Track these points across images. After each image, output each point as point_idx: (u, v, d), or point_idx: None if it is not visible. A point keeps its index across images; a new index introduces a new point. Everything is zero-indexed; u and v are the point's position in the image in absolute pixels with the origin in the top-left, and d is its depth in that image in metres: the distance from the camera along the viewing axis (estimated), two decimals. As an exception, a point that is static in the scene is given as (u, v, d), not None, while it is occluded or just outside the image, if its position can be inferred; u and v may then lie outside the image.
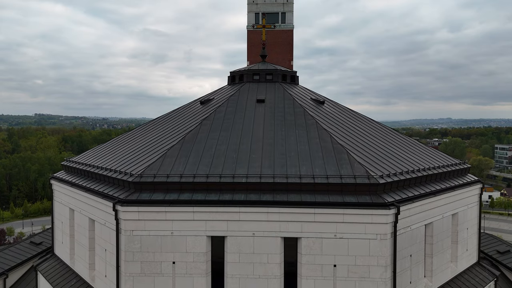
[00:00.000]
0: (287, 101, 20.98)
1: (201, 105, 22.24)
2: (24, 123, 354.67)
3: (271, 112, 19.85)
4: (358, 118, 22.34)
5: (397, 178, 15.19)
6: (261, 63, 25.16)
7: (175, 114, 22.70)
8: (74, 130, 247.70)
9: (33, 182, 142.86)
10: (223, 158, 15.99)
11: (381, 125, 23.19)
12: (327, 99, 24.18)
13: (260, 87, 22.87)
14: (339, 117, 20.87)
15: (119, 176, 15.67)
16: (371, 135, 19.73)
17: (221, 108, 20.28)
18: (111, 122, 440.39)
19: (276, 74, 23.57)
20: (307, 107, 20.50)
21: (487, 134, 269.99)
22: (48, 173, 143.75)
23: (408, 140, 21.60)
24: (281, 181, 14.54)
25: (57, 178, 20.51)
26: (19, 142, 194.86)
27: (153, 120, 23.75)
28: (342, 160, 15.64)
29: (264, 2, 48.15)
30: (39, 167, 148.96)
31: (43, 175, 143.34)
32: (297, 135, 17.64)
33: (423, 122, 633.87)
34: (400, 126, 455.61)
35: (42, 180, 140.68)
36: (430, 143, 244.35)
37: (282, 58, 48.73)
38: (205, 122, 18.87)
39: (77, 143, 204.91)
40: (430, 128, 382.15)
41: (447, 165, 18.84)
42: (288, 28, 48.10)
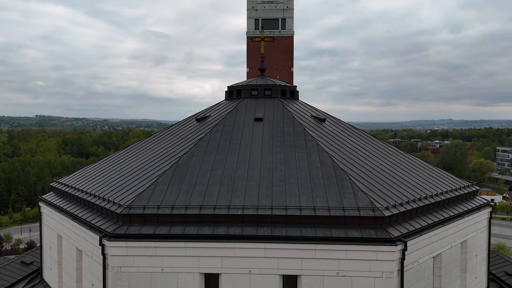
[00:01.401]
0: (286, 119, 20.04)
1: (197, 123, 21.31)
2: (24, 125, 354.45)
3: (269, 132, 18.91)
4: (359, 136, 21.39)
5: (403, 209, 14.24)
6: (260, 77, 24.22)
7: (171, 132, 21.77)
8: (74, 133, 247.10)
9: (32, 186, 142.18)
10: (218, 185, 15.05)
11: (383, 143, 22.25)
12: (328, 115, 23.24)
13: (258, 103, 21.94)
14: (341, 136, 19.91)
15: (108, 205, 14.73)
16: (374, 156, 18.77)
17: (218, 127, 19.35)
18: (112, 123, 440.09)
19: (275, 90, 22.63)
20: (307, 126, 19.56)
21: (488, 136, 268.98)
22: (47, 177, 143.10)
23: (411, 160, 20.64)
24: (279, 213, 13.59)
25: (45, 200, 19.58)
26: (19, 145, 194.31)
27: (148, 137, 22.82)
28: (345, 188, 14.69)
29: (264, 8, 47.27)
30: (38, 171, 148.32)
31: (42, 179, 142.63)
32: (297, 158, 16.69)
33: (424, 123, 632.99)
34: (401, 127, 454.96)
35: (41, 184, 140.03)
36: (431, 145, 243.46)
37: (282, 65, 47.85)
38: (200, 144, 17.93)
39: (77, 145, 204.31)
40: (431, 130, 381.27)
41: (455, 189, 17.87)
42: (288, 34, 47.20)
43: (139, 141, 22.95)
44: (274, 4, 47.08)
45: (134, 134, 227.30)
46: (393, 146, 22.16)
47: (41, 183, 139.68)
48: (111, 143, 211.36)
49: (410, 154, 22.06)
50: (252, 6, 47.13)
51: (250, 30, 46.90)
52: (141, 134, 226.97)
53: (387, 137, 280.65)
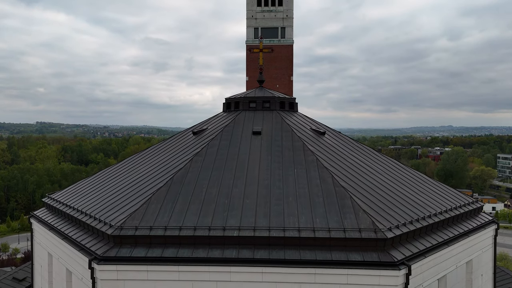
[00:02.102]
0: (285, 132, 19.51)
1: (194, 136, 20.79)
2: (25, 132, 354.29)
3: (267, 146, 18.37)
4: (360, 150, 20.85)
5: (406, 229, 13.66)
6: (258, 89, 23.74)
7: (167, 145, 21.24)
8: (74, 140, 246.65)
9: (31, 194, 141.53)
10: (214, 204, 14.48)
11: (384, 157, 21.71)
12: (328, 128, 22.72)
13: (256, 116, 21.42)
14: (341, 151, 19.37)
15: (99, 225, 14.15)
16: (375, 172, 18.21)
17: (214, 142, 18.81)
18: (112, 130, 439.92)
19: (273, 102, 22.14)
20: (306, 140, 19.03)
21: (489, 143, 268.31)
22: (46, 184, 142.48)
23: (413, 175, 20.08)
24: (277, 235, 13.01)
25: (36, 217, 19.00)
26: (19, 153, 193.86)
27: (144, 150, 22.30)
28: (345, 207, 14.12)
29: (264, 17, 46.95)
30: (37, 179, 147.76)
31: (41, 187, 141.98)
32: (295, 175, 16.14)
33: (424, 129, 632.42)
34: (401, 134, 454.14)
35: (40, 191, 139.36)
36: (431, 152, 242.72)
37: (282, 74, 47.41)
38: (196, 159, 17.39)
39: (77, 152, 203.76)
40: (431, 136, 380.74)
41: (459, 205, 17.28)
42: (288, 43, 46.82)
43: (135, 154, 22.42)
44: (274, 13, 46.77)
45: (134, 141, 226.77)
46: (394, 160, 21.61)
47: (40, 191, 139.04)
48: (111, 150, 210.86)
49: (411, 168, 21.50)
50: (252, 15, 46.82)
51: (250, 39, 46.54)
52: (141, 141, 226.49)
53: (387, 144, 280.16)
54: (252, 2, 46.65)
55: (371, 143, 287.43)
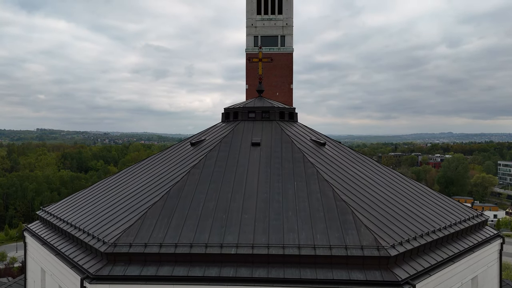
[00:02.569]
0: (284, 144, 19.12)
1: (192, 147, 20.39)
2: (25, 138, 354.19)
3: (267, 158, 17.97)
4: (360, 161, 20.44)
5: (410, 246, 13.20)
6: (258, 99, 23.39)
7: (164, 156, 20.84)
8: (74, 146, 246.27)
9: (30, 201, 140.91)
10: (211, 219, 14.04)
11: (385, 168, 21.29)
12: (328, 138, 22.33)
13: (256, 126, 21.05)
14: (341, 162, 18.96)
15: (92, 241, 13.71)
16: (376, 184, 17.79)
17: (213, 153, 18.41)
18: (113, 136, 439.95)
19: (273, 112, 21.78)
20: (306, 151, 18.63)
21: (489, 149, 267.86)
22: (45, 192, 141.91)
23: (415, 187, 19.65)
24: (277, 252, 12.56)
25: (30, 231, 18.55)
26: (18, 160, 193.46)
27: (142, 161, 21.89)
28: (347, 222, 13.68)
29: (263, 25, 46.78)
30: (36, 186, 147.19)
31: (40, 194, 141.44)
32: (295, 188, 15.72)
33: (424, 136, 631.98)
34: (401, 141, 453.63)
35: (39, 199, 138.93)
36: (432, 159, 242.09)
37: (282, 82, 47.14)
38: (194, 171, 16.97)
39: (76, 159, 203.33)
40: (431, 143, 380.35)
41: (463, 220, 16.83)
42: (288, 51, 46.60)
43: (133, 165, 22.01)
44: (273, 22, 46.61)
45: (134, 148, 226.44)
46: (395, 171, 21.19)
47: (39, 199, 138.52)
48: (111, 157, 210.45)
49: (413, 180, 21.07)
50: (252, 24, 46.65)
51: (249, 47, 46.32)
52: (141, 148, 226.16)
53: (387, 151, 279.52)
54: (252, 10, 46.54)
55: (371, 150, 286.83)
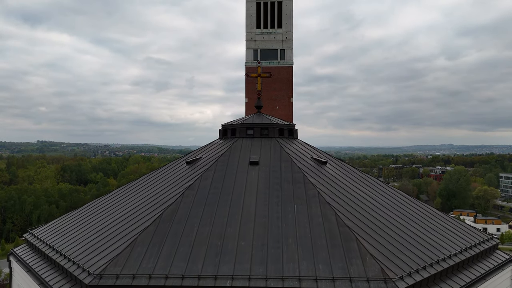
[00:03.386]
0: (284, 162, 18.26)
1: (187, 165, 19.54)
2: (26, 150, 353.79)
3: (265, 178, 17.09)
4: (363, 181, 19.54)
5: (419, 277, 12.25)
6: (256, 115, 22.60)
7: (158, 175, 19.96)
8: (74, 159, 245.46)
9: (28, 215, 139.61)
10: (205, 247, 13.10)
11: (389, 188, 20.39)
12: (329, 156, 21.49)
13: (254, 143, 20.22)
14: (344, 183, 18.07)
15: (77, 271, 12.75)
16: (381, 206, 16.87)
17: (208, 173, 17.54)
18: (113, 148, 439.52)
19: (272, 129, 20.96)
20: (307, 170, 17.76)
21: (490, 162, 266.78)
22: (43, 205, 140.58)
23: (421, 208, 18.71)
24: (275, 285, 11.59)
25: (15, 255, 17.57)
26: (17, 172, 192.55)
27: (135, 181, 21.00)
28: (351, 251, 12.74)
29: (263, 39, 46.36)
30: (35, 199, 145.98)
31: (38, 208, 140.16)
32: (295, 211, 14.80)
33: (424, 148, 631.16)
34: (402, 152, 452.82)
35: (37, 212, 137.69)
36: (433, 171, 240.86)
37: (282, 95, 46.54)
38: (188, 193, 16.08)
39: (76, 172, 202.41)
40: (432, 155, 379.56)
41: (474, 245, 15.87)
42: (288, 65, 46.09)
43: (125, 185, 21.12)
44: (273, 35, 46.19)
45: (134, 161, 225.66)
46: (400, 191, 20.27)
47: (37, 212, 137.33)
48: (111, 169, 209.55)
49: (418, 200, 20.15)
50: (251, 37, 46.22)
51: (249, 61, 45.80)
52: (141, 160, 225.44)
53: (388, 163, 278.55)
54: (251, 24, 46.16)
55: (372, 162, 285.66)
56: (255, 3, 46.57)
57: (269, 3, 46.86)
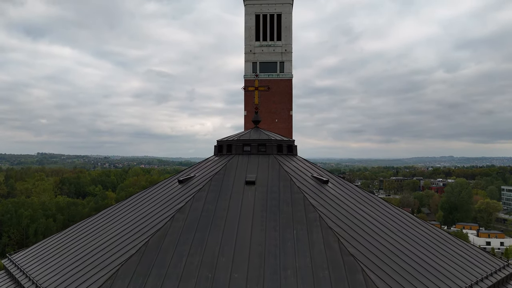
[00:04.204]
0: (283, 182, 17.03)
1: (179, 184, 18.30)
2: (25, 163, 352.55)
3: (262, 199, 15.83)
4: (366, 202, 18.27)
5: (434, 315, 10.91)
6: (253, 131, 21.44)
7: (149, 195, 18.71)
8: (73, 171, 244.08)
9: (24, 228, 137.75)
10: (194, 279, 11.80)
11: (395, 208, 19.13)
12: (331, 174, 20.26)
13: (251, 161, 19.01)
14: (347, 204, 16.81)
15: (50, 308, 11.44)
16: (387, 230, 15.58)
17: (201, 194, 16.29)
18: (113, 160, 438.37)
19: (270, 145, 19.78)
20: (307, 191, 16.51)
21: (491, 174, 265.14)
22: (40, 219, 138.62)
23: (430, 231, 17.42)
24: (271, 326, 10.27)
25: (-9, 283, 16.21)
26: (15, 185, 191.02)
27: (124, 201, 19.74)
28: (357, 283, 11.43)
29: (262, 52, 45.50)
30: (32, 213, 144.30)
31: (35, 221, 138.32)
32: (295, 237, 13.52)
33: (425, 160, 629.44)
34: (402, 164, 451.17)
35: (34, 226, 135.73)
36: (434, 183, 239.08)
37: (281, 108, 45.49)
38: (178, 216, 14.81)
39: (74, 185, 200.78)
40: (432, 167, 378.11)
41: (490, 273, 14.53)
42: (287, 77, 45.18)
43: (114, 205, 19.86)
44: (272, 48, 45.33)
45: (133, 173, 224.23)
46: (406, 212, 18.99)
47: (33, 226, 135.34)
48: (110, 182, 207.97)
49: (426, 222, 18.86)
50: (250, 50, 45.34)
51: (248, 73, 44.82)
52: (140, 172, 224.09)
53: (389, 175, 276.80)
54: (250, 37, 45.33)
55: (372, 174, 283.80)
56: (254, 15, 45.87)
57: (268, 16, 46.20)
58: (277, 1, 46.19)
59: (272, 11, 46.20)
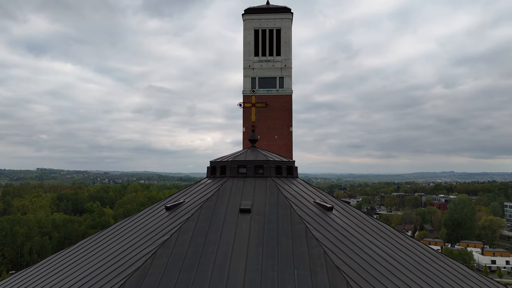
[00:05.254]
0: (282, 210, 15.11)
1: (166, 212, 16.37)
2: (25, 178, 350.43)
3: (258, 231, 13.89)
4: (376, 231, 16.31)
5: None
6: (250, 150, 19.61)
7: (131, 224, 16.75)
8: (71, 187, 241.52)
9: (19, 247, 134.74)
10: (175, 335, 9.79)
11: (407, 238, 17.15)
12: (335, 199, 18.34)
13: (246, 185, 17.13)
14: (355, 235, 14.84)
15: None
16: (402, 267, 13.58)
17: (189, 224, 14.36)
18: (113, 176, 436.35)
19: (267, 167, 17.92)
20: (310, 220, 14.58)
21: (493, 190, 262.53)
22: (36, 237, 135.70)
23: (444, 263, 15.41)
24: None
25: None
26: (12, 202, 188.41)
27: (104, 231, 17.78)
28: None
29: (261, 67, 44.05)
30: (27, 230, 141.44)
31: (30, 239, 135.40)
32: (296, 279, 11.54)
33: (425, 175, 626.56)
34: (403, 180, 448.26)
35: (29, 244, 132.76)
36: (436, 199, 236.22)
37: (281, 124, 43.80)
38: (161, 252, 12.85)
39: (72, 201, 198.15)
40: (434, 183, 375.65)
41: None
42: (287, 93, 43.68)
43: (92, 236, 17.87)
44: (272, 63, 43.87)
45: (132, 188, 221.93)
46: (420, 244, 17.01)
47: (28, 244, 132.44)
48: (108, 198, 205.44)
49: (443, 255, 16.86)
50: (249, 65, 43.90)
51: (247, 89, 43.24)
52: (139, 188, 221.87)
53: (390, 191, 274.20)
54: (249, 52, 43.90)
55: (373, 190, 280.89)
56: (253, 30, 44.56)
57: (267, 31, 44.90)
58: (276, 16, 44.97)
59: (272, 26, 44.94)
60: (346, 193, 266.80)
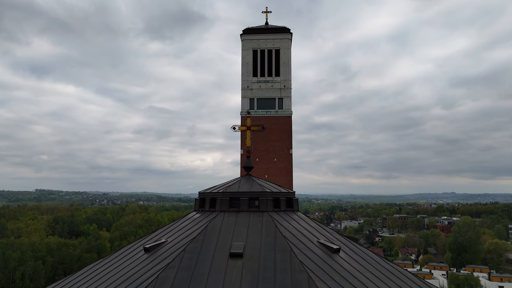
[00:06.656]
0: (280, 253, 12.76)
1: (145, 254, 14.00)
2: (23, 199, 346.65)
3: (252, 282, 11.52)
4: (391, 277, 13.89)
5: None
6: (244, 180, 17.34)
7: (102, 270, 14.35)
8: (68, 209, 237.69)
9: (11, 272, 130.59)
10: None
11: (421, 280, 14.65)
12: (341, 238, 15.98)
13: (239, 221, 14.81)
14: (365, 283, 12.43)
15: None
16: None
17: (169, 272, 11.99)
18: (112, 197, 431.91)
19: (264, 200, 15.63)
20: (313, 266, 12.21)
21: (496, 211, 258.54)
22: (29, 261, 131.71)
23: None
24: None
25: None
26: (7, 225, 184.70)
27: (73, 276, 15.36)
28: None
29: (260, 88, 42.33)
30: (20, 255, 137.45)
31: (23, 264, 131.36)
32: None
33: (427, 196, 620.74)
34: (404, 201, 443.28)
35: (21, 269, 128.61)
36: (439, 221, 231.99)
37: (280, 146, 41.80)
38: (132, 311, 10.46)
39: (68, 224, 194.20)
40: (435, 204, 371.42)
41: None
42: (286, 114, 41.83)
43: (63, 279, 15.44)
44: (271, 84, 42.14)
45: (130, 210, 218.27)
46: None
47: (21, 269, 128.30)
48: (105, 220, 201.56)
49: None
50: (247, 86, 42.17)
51: (245, 110, 41.37)
52: (137, 209, 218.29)
53: (392, 212, 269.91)
54: (247, 72, 42.21)
55: (375, 211, 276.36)
56: (252, 51, 43.01)
57: (266, 51, 43.32)
58: (275, 37, 43.53)
59: (271, 46, 43.41)
60: (347, 214, 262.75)
